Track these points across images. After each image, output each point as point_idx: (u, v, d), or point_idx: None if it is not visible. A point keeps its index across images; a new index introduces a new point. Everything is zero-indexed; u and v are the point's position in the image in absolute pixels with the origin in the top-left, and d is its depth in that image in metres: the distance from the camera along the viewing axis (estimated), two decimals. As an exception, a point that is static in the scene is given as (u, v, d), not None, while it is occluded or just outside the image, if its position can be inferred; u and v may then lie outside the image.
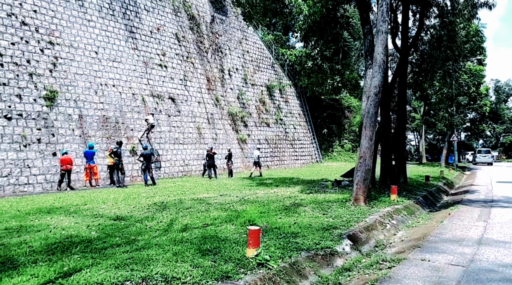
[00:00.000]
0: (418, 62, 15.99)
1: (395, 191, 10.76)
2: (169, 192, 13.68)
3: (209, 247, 5.38)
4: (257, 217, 7.56)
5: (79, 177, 17.21)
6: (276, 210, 8.83)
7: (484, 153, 47.74)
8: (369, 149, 9.58)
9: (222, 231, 6.58)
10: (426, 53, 15.34)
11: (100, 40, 19.99)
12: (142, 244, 5.60)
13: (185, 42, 25.59)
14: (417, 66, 16.06)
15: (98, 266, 4.44)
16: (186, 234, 6.29)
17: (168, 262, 4.66)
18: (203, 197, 11.91)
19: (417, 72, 16.31)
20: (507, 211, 10.07)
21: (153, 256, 4.88)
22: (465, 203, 12.09)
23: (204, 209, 9.11)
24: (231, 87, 28.69)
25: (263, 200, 10.54)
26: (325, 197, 11.05)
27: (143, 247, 5.41)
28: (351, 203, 9.56)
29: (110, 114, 19.37)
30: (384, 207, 9.59)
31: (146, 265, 4.49)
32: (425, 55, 15.35)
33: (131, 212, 8.87)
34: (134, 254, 4.98)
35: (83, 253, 5.10)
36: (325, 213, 8.45)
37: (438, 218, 9.52)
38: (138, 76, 21.52)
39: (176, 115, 23.18)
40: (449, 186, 18.84)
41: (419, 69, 16.09)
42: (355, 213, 8.56)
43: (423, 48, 15.54)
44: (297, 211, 8.66)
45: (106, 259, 4.78)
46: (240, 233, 6.44)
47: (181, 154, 22.76)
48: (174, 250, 5.19)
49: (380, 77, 9.65)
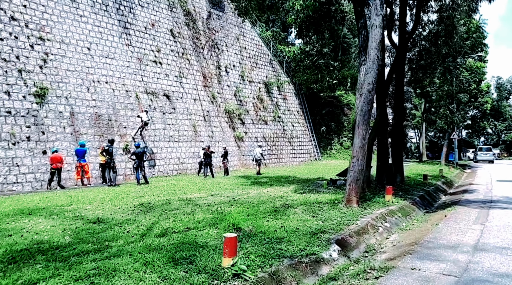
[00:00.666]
0: (416, 58, 15.58)
1: (390, 192, 10.40)
2: (160, 192, 13.35)
3: (184, 255, 5.03)
4: (243, 221, 7.22)
5: (70, 176, 16.88)
6: (264, 212, 8.48)
7: (485, 151, 47.29)
8: (362, 148, 9.21)
9: (203, 236, 6.24)
10: (424, 49, 14.92)
11: (93, 36, 19.61)
12: (114, 251, 5.26)
13: (181, 38, 25.19)
14: (416, 63, 15.64)
15: (57, 278, 4.10)
16: (164, 239, 5.95)
17: (136, 273, 4.32)
18: (193, 197, 11.58)
19: (415, 68, 15.90)
20: (505, 213, 9.70)
21: (121, 266, 4.53)
22: (463, 203, 11.73)
23: (190, 211, 8.77)
24: (228, 84, 28.30)
25: (253, 201, 10.19)
26: (318, 197, 10.70)
27: (114, 254, 5.07)
28: (344, 205, 9.21)
29: (102, 112, 19.02)
30: (377, 209, 9.24)
31: (109, 277, 4.15)
32: (423, 51, 14.95)
33: (114, 214, 8.53)
34: (101, 263, 4.63)
35: (48, 262, 4.75)
36: (315, 216, 8.11)
37: (434, 220, 9.15)
38: (132, 73, 21.15)
39: (171, 113, 22.83)
40: (448, 185, 18.46)
41: (418, 66, 15.69)
42: (347, 215, 8.21)
43: (421, 44, 15.12)
44: (287, 213, 8.31)
45: (69, 269, 4.43)
46: (222, 238, 6.09)
47: (176, 152, 22.42)
48: (145, 258, 4.85)
49: (374, 74, 9.27)
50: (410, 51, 15.56)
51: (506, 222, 8.42)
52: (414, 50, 15.46)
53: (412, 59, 15.64)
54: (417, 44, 15.10)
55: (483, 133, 71.35)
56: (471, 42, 28.91)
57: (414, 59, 15.58)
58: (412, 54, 15.61)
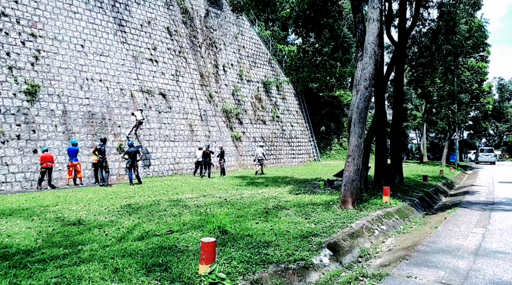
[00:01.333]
0: (416, 56, 15.15)
1: (387, 193, 9.99)
2: (152, 192, 12.98)
3: (160, 261, 4.64)
4: (231, 223, 6.82)
5: (61, 175, 16.51)
6: (255, 213, 8.09)
7: (487, 152, 46.83)
8: (358, 147, 8.81)
9: (185, 239, 5.84)
10: (424, 46, 14.51)
11: (87, 33, 19.24)
12: (85, 256, 4.86)
13: (178, 36, 24.82)
14: (415, 60, 15.23)
15: (11, 288, 3.70)
16: (142, 243, 5.56)
17: (102, 282, 3.92)
18: (184, 198, 11.19)
19: (415, 66, 15.49)
20: (508, 215, 9.29)
21: (88, 274, 4.14)
22: (464, 205, 11.31)
23: (178, 212, 8.38)
24: (226, 83, 27.91)
25: (245, 202, 9.80)
26: (313, 198, 10.30)
27: (84, 260, 4.67)
28: (338, 206, 8.81)
29: (96, 110, 18.64)
30: (374, 211, 8.83)
31: (71, 287, 3.75)
32: (423, 49, 14.54)
33: (97, 215, 8.15)
34: (67, 270, 4.24)
35: (8, 269, 4.36)
36: (307, 218, 7.70)
37: (433, 222, 8.74)
38: (127, 71, 20.77)
39: (167, 112, 22.45)
40: (448, 187, 18.04)
41: (417, 63, 15.28)
42: (341, 217, 7.81)
43: (421, 41, 14.71)
44: (278, 215, 7.91)
45: (29, 277, 4.04)
46: (205, 242, 5.71)
47: (171, 152, 22.03)
48: (116, 265, 4.45)
49: (371, 69, 8.87)
50: (410, 49, 15.16)
51: (509, 225, 8.00)
52: (414, 47, 15.05)
53: (411, 56, 15.23)
54: (417, 41, 14.68)
55: (485, 134, 70.84)
56: (472, 42, 28.48)
57: (414, 57, 15.17)
58: (412, 51, 15.20)
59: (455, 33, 13.09)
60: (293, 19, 11.65)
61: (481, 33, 28.90)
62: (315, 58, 13.34)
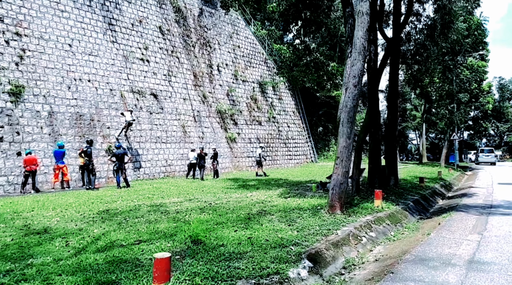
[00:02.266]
0: (411, 53, 14.64)
1: (379, 196, 9.48)
2: (137, 196, 12.50)
3: (112, 279, 4.14)
4: (206, 231, 6.34)
5: (47, 179, 16.03)
6: (237, 220, 7.59)
7: (487, 153, 46.27)
8: (347, 148, 8.31)
9: (151, 251, 5.35)
10: (420, 43, 14.01)
11: (75, 32, 18.77)
12: (32, 272, 4.37)
13: (170, 36, 24.34)
14: (411, 57, 14.72)
15: None
16: (102, 256, 5.06)
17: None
18: (168, 202, 10.70)
19: (410, 64, 14.97)
20: (506, 220, 8.77)
21: (24, 294, 3.65)
22: (461, 209, 10.80)
23: (155, 218, 7.88)
24: (220, 83, 27.43)
25: (230, 207, 9.30)
26: (301, 203, 9.80)
27: (27, 277, 4.19)
28: (326, 211, 8.30)
29: (84, 111, 18.16)
30: (364, 216, 8.33)
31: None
32: (418, 45, 14.04)
33: (69, 222, 7.66)
34: (1, 290, 3.75)
35: None
36: (291, 224, 7.20)
37: (427, 228, 8.24)
38: (117, 71, 20.30)
39: (159, 112, 21.96)
40: (446, 188, 17.52)
41: (413, 61, 14.77)
42: (327, 224, 7.31)
43: (417, 38, 14.21)
44: (261, 221, 7.42)
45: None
46: (173, 253, 5.22)
47: (163, 154, 21.53)
48: (61, 283, 3.95)
49: (360, 66, 8.37)
50: (405, 46, 14.64)
51: (507, 232, 7.49)
52: (409, 45, 14.52)
53: (407, 54, 14.70)
54: (412, 38, 14.17)
55: (485, 134, 70.24)
56: (471, 40, 27.97)
57: (409, 54, 14.66)
58: (406, 49, 14.67)
59: (451, 28, 12.58)
60: (279, 13, 11.16)
61: (480, 31, 28.40)
62: (306, 56, 12.85)
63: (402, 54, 14.48)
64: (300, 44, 13.12)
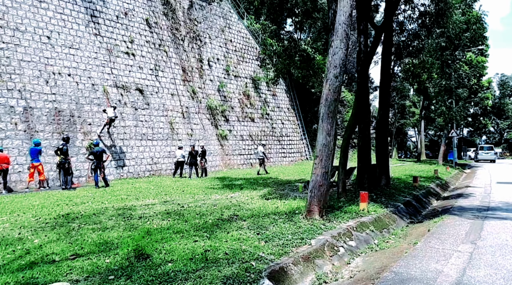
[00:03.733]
0: (404, 44, 13.77)
1: (365, 199, 8.67)
2: (111, 197, 11.72)
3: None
4: (159, 242, 5.55)
5: (21, 178, 15.23)
6: (202, 227, 6.79)
7: (487, 150, 45.43)
8: (327, 146, 7.49)
9: (84, 268, 4.55)
10: (413, 33, 13.17)
11: (54, 24, 17.92)
12: None
13: (158, 29, 23.47)
14: (404, 49, 13.85)
15: None
16: (14, 277, 4.25)
17: None
18: (139, 205, 9.90)
19: (402, 56, 14.11)
20: (503, 225, 7.96)
21: None
22: (455, 211, 9.99)
23: (112, 225, 7.09)
24: (211, 78, 26.57)
25: (201, 211, 8.49)
26: (280, 205, 8.99)
27: None
28: (304, 216, 7.50)
29: (63, 107, 17.34)
30: (346, 221, 7.52)
31: None
32: (411, 36, 13.19)
33: (16, 229, 6.89)
34: None
35: None
36: (260, 232, 6.39)
37: (415, 235, 7.44)
38: (100, 65, 19.45)
39: (145, 108, 21.13)
40: (442, 188, 16.71)
41: (407, 53, 13.92)
42: (301, 231, 6.50)
43: (410, 28, 13.36)
44: (228, 229, 6.61)
45: None
46: (96, 274, 4.42)
47: (149, 152, 20.72)
48: None
49: (341, 55, 7.54)
50: (398, 37, 13.78)
51: (503, 240, 6.68)
52: (402, 36, 13.66)
53: (400, 45, 13.83)
54: (405, 27, 13.30)
55: (485, 131, 69.35)
56: (470, 34, 27.09)
57: (402, 45, 13.78)
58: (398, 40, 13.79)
59: (446, 16, 11.73)
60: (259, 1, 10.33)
61: (479, 25, 27.48)
62: (291, 47, 12.02)
63: (395, 46, 13.62)
64: (284, 35, 12.29)
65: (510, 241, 6.62)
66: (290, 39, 12.03)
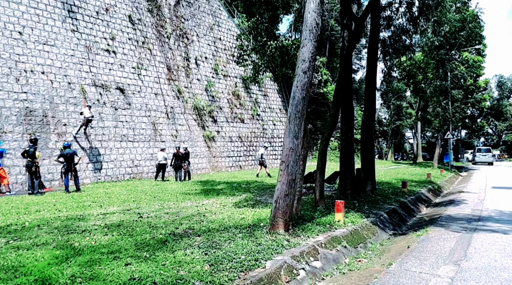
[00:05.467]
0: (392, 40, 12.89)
1: (340, 209, 7.77)
2: (74, 204, 10.87)
3: None
4: (76, 267, 4.65)
5: (-14, 181, 14.31)
6: (146, 244, 5.90)
7: (484, 152, 44.63)
8: (294, 151, 6.60)
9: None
10: (400, 27, 12.31)
11: (27, 19, 17.02)
12: None
13: (142, 26, 22.58)
14: (390, 46, 12.99)
15: None
16: None
17: None
18: (96, 213, 9.03)
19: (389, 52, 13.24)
20: (493, 240, 7.07)
21: None
22: (442, 222, 9.09)
23: (45, 240, 6.20)
24: (198, 77, 25.68)
25: (157, 223, 7.60)
26: (247, 216, 8.09)
27: None
28: (267, 230, 6.60)
29: (36, 106, 16.44)
30: (315, 235, 6.64)
31: None
32: (399, 31, 12.33)
33: None
34: None
35: None
36: (210, 252, 5.49)
37: (394, 251, 6.55)
38: (77, 63, 18.55)
39: (125, 108, 20.22)
40: (434, 193, 15.83)
41: (394, 50, 13.05)
42: (259, 249, 5.61)
43: (397, 24, 12.49)
44: (174, 248, 5.71)
45: None
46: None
47: (129, 154, 19.81)
48: None
49: (311, 47, 6.66)
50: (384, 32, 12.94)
51: (492, 260, 5.79)
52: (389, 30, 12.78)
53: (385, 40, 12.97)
54: (392, 23, 12.43)
55: (483, 133, 68.55)
56: (466, 33, 26.22)
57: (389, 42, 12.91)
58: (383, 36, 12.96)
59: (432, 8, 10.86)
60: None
61: (475, 24, 26.64)
62: (269, 41, 11.16)
63: (382, 42, 12.76)
64: (262, 29, 11.42)
65: (499, 261, 5.74)
66: (267, 31, 11.18)
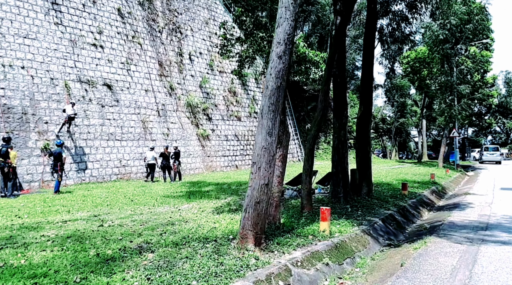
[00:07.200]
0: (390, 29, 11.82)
1: (325, 217, 6.75)
2: (42, 209, 10.09)
3: None
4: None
5: (-42, 183, 13.44)
6: (84, 264, 4.93)
7: (492, 151, 43.24)
8: (268, 150, 5.59)
9: None
10: (398, 14, 11.25)
11: (6, 11, 16.15)
12: None
13: (132, 19, 21.65)
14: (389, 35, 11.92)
15: None
16: None
17: None
18: (57, 220, 8.12)
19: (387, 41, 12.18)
20: (504, 256, 6.01)
21: None
22: (443, 232, 8.02)
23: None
24: (192, 73, 24.72)
25: (114, 234, 6.64)
26: (220, 225, 7.09)
27: None
28: (236, 244, 5.59)
29: (14, 103, 15.56)
30: (292, 251, 5.62)
31: None
32: (398, 18, 11.26)
33: None
34: None
35: None
36: (156, 277, 4.49)
37: (385, 269, 5.52)
38: (61, 57, 17.65)
39: (113, 106, 19.30)
40: (438, 195, 14.72)
41: (393, 39, 11.99)
42: (218, 272, 4.60)
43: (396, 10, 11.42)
44: (116, 269, 4.72)
45: None
46: None
47: (117, 153, 18.89)
48: None
49: (287, 28, 5.65)
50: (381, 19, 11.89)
51: (503, 283, 4.74)
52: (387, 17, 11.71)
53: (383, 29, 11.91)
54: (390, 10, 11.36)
55: (491, 131, 66.93)
56: (473, 26, 24.98)
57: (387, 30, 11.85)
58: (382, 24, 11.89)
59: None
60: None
61: (482, 17, 25.37)
62: (256, 33, 10.16)
63: (379, 30, 11.71)
64: (250, 17, 10.42)
65: None
66: (254, 21, 10.20)
